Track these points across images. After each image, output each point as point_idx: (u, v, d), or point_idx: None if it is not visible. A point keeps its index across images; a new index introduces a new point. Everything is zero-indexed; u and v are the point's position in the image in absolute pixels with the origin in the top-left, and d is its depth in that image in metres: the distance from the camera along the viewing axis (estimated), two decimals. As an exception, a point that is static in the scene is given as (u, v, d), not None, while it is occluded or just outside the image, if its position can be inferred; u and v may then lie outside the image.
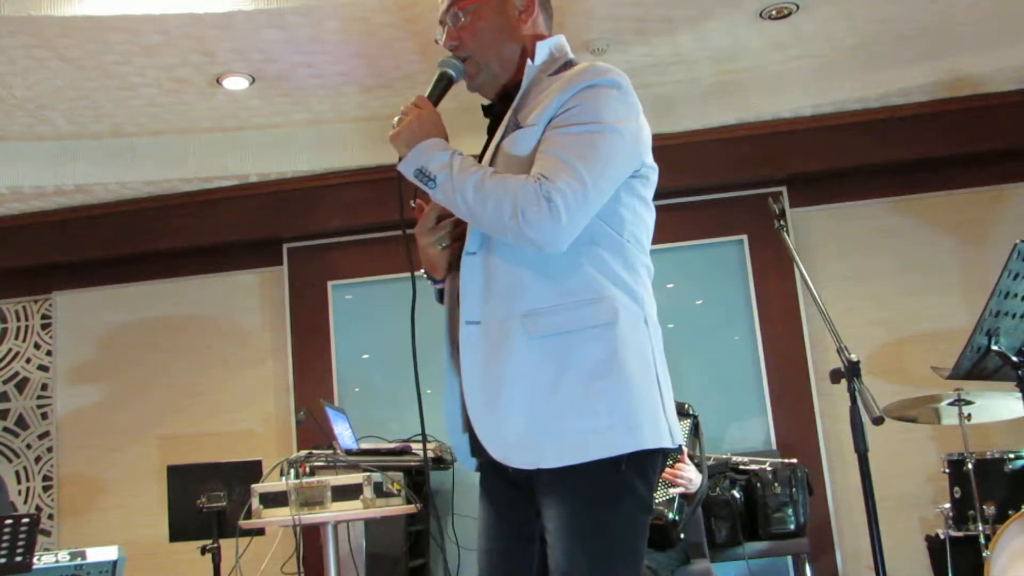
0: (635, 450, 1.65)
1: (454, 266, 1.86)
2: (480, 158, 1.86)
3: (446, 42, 1.91)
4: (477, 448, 1.78)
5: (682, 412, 3.49)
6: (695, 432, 3.46)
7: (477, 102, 2.01)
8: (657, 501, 3.26)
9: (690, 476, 3.31)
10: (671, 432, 1.73)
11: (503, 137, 1.81)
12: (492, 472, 1.82)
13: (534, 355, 1.68)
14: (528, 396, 1.67)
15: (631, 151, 1.83)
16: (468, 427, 1.78)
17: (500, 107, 1.90)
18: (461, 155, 1.76)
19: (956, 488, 3.99)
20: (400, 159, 1.79)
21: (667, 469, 3.32)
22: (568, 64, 1.87)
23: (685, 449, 3.38)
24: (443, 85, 1.90)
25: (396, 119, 1.82)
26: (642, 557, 1.70)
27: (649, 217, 1.96)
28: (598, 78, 1.76)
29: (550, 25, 2.01)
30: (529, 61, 1.87)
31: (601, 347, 1.68)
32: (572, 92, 1.75)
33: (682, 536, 3.36)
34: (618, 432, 1.65)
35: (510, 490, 1.80)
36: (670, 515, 3.25)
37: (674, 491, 3.30)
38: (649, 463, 1.70)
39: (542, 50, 1.90)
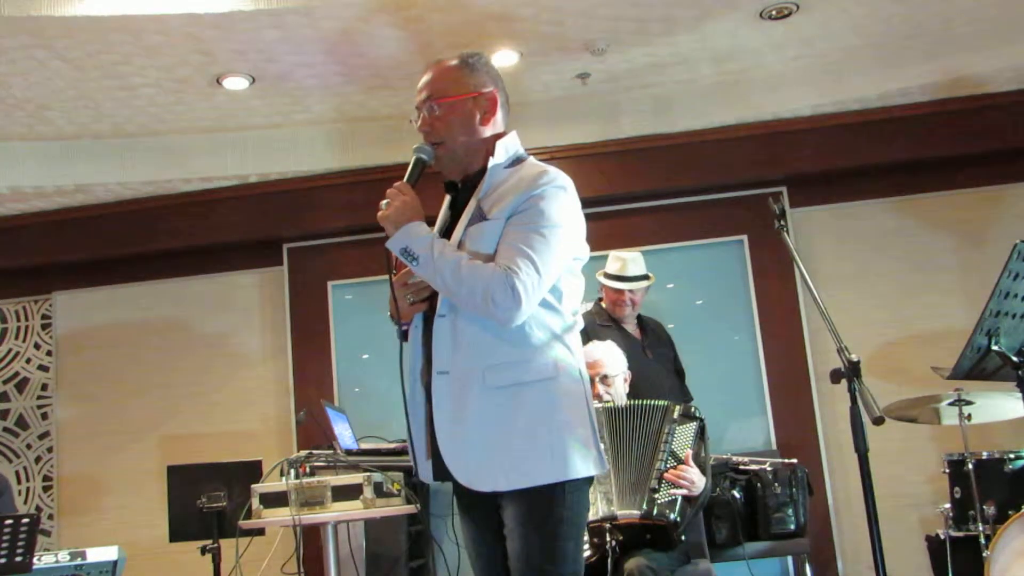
0: (568, 479, 2.08)
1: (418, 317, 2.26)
2: (446, 229, 2.27)
3: (421, 127, 2.26)
4: (442, 473, 2.17)
5: (688, 415, 3.49)
6: (701, 435, 3.46)
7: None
8: (659, 502, 3.27)
9: (693, 478, 3.31)
10: (598, 461, 2.16)
11: (469, 223, 2.17)
12: (467, 492, 2.18)
13: (491, 401, 2.08)
14: (486, 434, 2.07)
15: (573, 243, 2.20)
16: (433, 454, 2.17)
17: (462, 187, 2.29)
18: (439, 240, 2.13)
19: (956, 488, 3.99)
20: (388, 237, 2.16)
21: (671, 470, 3.31)
22: (519, 159, 2.28)
23: (690, 452, 3.37)
24: (419, 169, 2.24)
25: (384, 203, 2.17)
26: (581, 566, 2.13)
27: (580, 288, 2.29)
28: (550, 185, 2.15)
29: (507, 120, 2.36)
30: (492, 159, 2.23)
31: (544, 397, 2.10)
32: (530, 194, 2.13)
33: (683, 537, 3.35)
34: (556, 465, 2.07)
35: (482, 503, 2.18)
36: (671, 516, 3.25)
37: (676, 492, 3.29)
38: (582, 486, 2.14)
39: (500, 150, 2.25)
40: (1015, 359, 2.90)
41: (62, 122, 4.90)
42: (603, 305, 4.58)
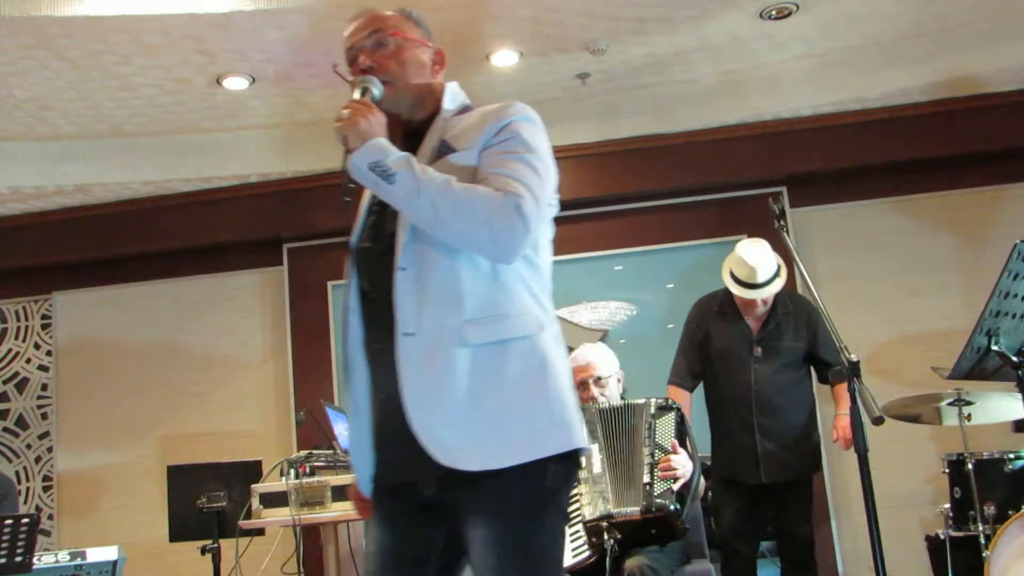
0: (573, 448, 1.78)
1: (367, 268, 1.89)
2: None
3: (361, 63, 1.93)
4: (388, 469, 1.85)
5: (664, 407, 3.53)
6: (681, 424, 3.50)
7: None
8: (656, 494, 3.28)
9: (682, 463, 3.35)
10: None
11: (433, 160, 1.85)
12: (393, 495, 1.88)
13: (471, 363, 1.75)
14: (470, 402, 1.73)
15: (554, 177, 1.95)
16: (379, 446, 1.85)
17: (406, 138, 1.93)
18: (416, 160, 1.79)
19: (956, 488, 3.99)
20: (348, 152, 1.78)
21: (660, 462, 3.35)
22: (468, 107, 2.00)
23: (673, 441, 3.41)
24: (368, 99, 1.89)
25: (344, 111, 1.81)
26: (562, 562, 1.83)
27: (550, 240, 2.03)
28: (524, 113, 1.90)
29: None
30: (446, 104, 1.97)
31: (533, 355, 1.79)
32: (503, 123, 1.87)
33: (687, 527, 3.36)
34: (556, 432, 1.76)
35: (417, 512, 1.86)
36: (671, 506, 3.26)
37: (669, 480, 3.32)
38: (574, 464, 1.83)
39: (449, 95, 2.00)
40: (1015, 359, 2.90)
41: (62, 122, 4.90)
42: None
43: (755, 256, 4.04)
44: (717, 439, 4.15)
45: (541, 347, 1.80)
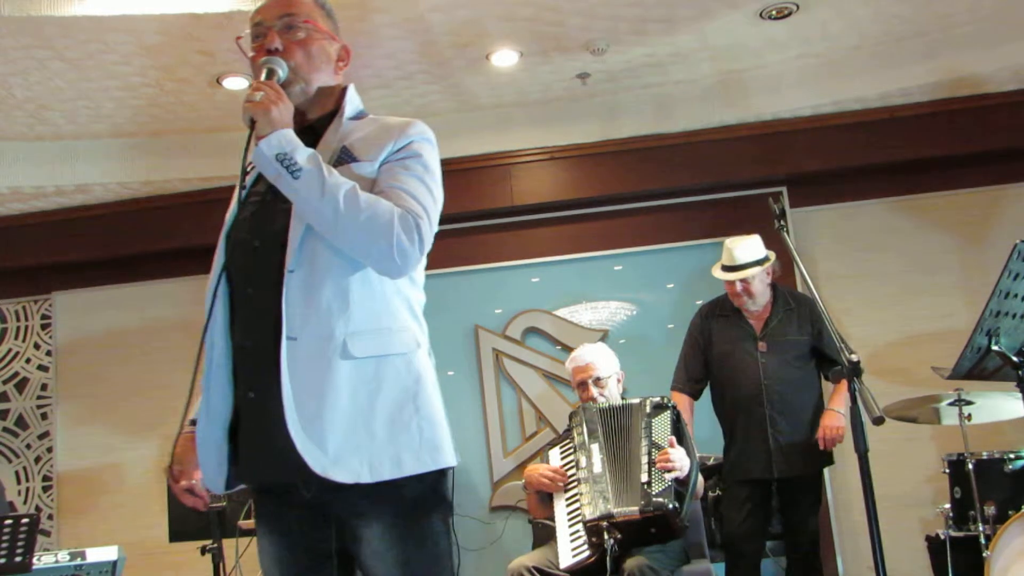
0: (441, 467, 1.81)
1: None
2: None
3: (269, 42, 1.87)
4: (257, 469, 1.82)
5: (660, 406, 3.55)
6: (676, 422, 3.51)
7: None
8: (655, 493, 3.28)
9: (678, 458, 3.35)
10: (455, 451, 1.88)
11: (334, 164, 1.82)
12: (275, 498, 1.86)
13: (350, 375, 1.74)
14: (346, 415, 1.72)
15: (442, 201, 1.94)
16: (245, 444, 1.82)
17: (300, 136, 1.82)
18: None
19: (956, 488, 3.99)
20: (256, 136, 1.74)
21: (658, 459, 3.35)
22: (362, 114, 1.98)
23: (670, 438, 3.41)
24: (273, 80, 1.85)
25: (257, 94, 1.76)
26: (452, 561, 1.86)
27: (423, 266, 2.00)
28: (425, 134, 1.90)
29: None
30: (348, 103, 1.95)
31: (407, 373, 1.80)
32: (406, 141, 1.86)
33: (687, 524, 3.37)
34: (426, 452, 1.77)
35: (301, 513, 1.84)
36: (670, 504, 3.26)
37: (669, 476, 3.32)
38: (449, 478, 1.86)
39: (350, 100, 1.97)
40: (1015, 359, 2.91)
41: (62, 122, 4.90)
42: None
43: (737, 243, 4.17)
44: (730, 440, 4.15)
45: (417, 365, 1.82)
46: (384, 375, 1.77)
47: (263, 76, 1.83)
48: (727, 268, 4.17)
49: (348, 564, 1.88)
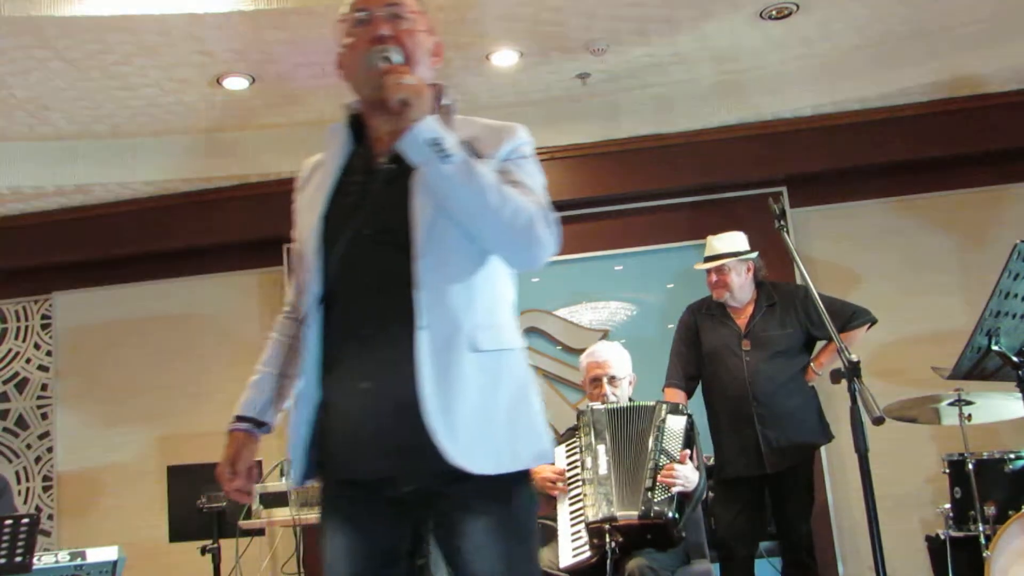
0: (547, 461, 1.83)
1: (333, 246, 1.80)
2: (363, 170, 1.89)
3: (377, 28, 1.81)
4: (352, 463, 1.79)
5: (677, 412, 3.52)
6: (690, 431, 3.48)
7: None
8: (656, 501, 3.27)
9: (686, 474, 3.33)
10: None
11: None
12: (359, 493, 1.83)
13: (477, 368, 1.74)
14: (474, 407, 1.72)
15: None
16: (344, 439, 1.79)
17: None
18: None
19: (956, 488, 3.98)
20: (409, 120, 1.65)
21: (664, 470, 3.33)
22: (454, 111, 1.93)
23: (681, 448, 3.39)
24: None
25: (404, 76, 1.68)
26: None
27: None
28: (531, 139, 1.90)
29: None
30: (448, 101, 1.89)
31: (521, 368, 1.82)
32: (519, 143, 1.87)
33: (683, 535, 3.36)
34: (537, 445, 1.80)
35: (387, 509, 1.82)
36: (669, 514, 3.25)
37: (672, 489, 3.30)
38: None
39: (446, 93, 1.89)
40: (1015, 359, 2.90)
41: (62, 122, 4.90)
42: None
43: (718, 236, 4.27)
44: (718, 438, 4.15)
45: (525, 361, 1.84)
46: (504, 369, 1.77)
47: (380, 63, 1.75)
48: (706, 260, 4.25)
49: (412, 567, 1.89)
